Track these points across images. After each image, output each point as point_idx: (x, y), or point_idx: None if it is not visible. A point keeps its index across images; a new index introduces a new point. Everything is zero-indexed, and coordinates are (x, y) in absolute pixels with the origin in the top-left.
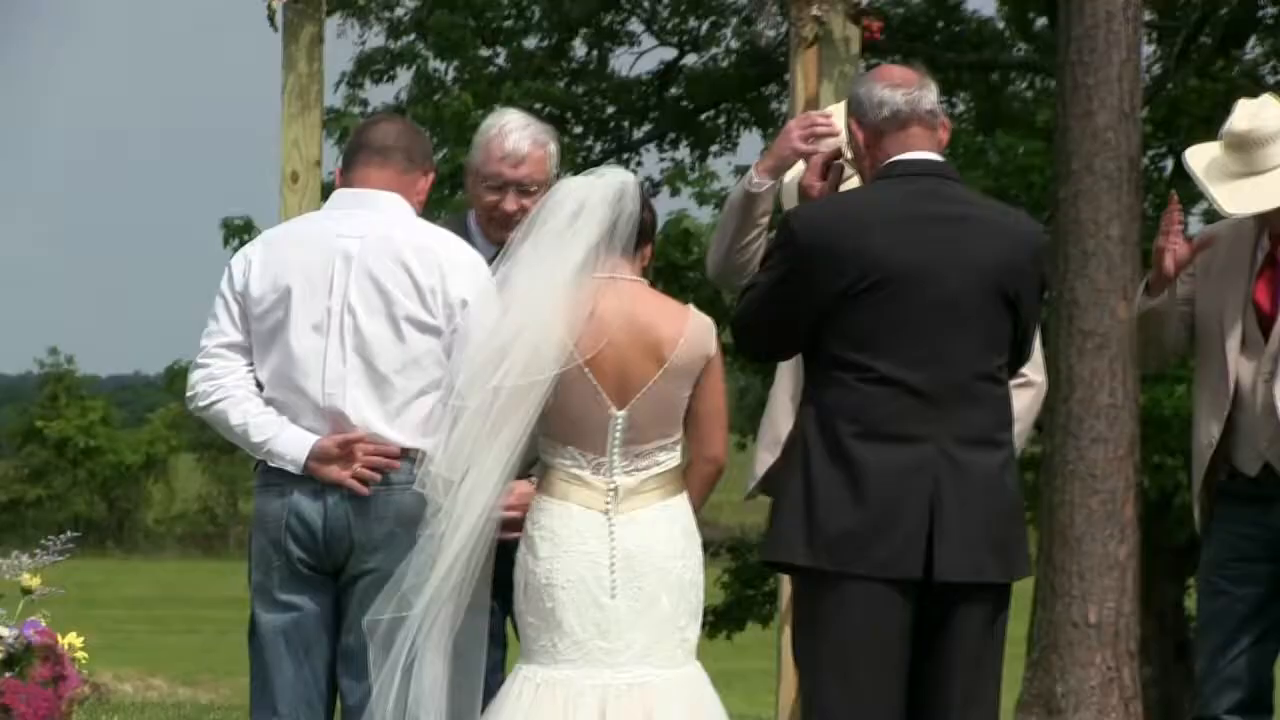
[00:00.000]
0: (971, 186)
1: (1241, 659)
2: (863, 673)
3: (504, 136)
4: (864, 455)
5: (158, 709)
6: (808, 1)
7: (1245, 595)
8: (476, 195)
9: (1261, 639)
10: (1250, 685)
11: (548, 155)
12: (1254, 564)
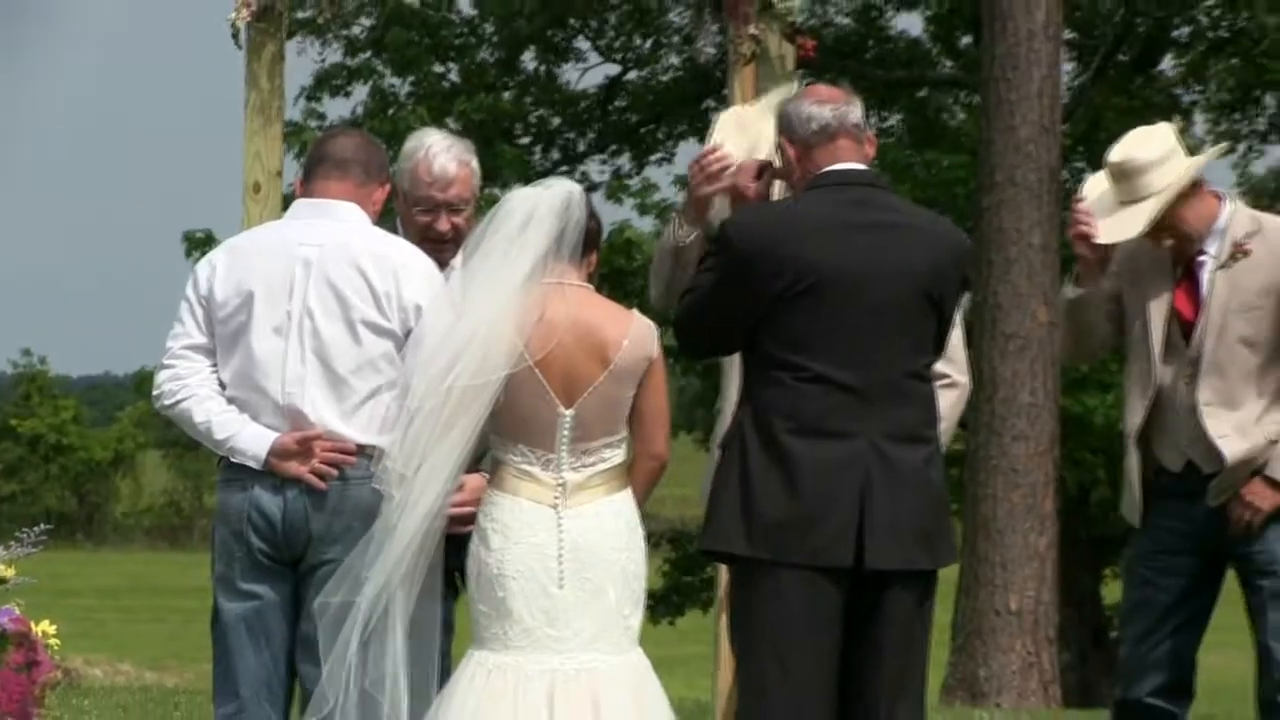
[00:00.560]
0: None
1: (1164, 646)
2: (797, 657)
3: (430, 160)
4: (798, 450)
5: (126, 693)
6: (745, 21)
7: (1169, 586)
8: (408, 217)
9: (1184, 627)
10: (1172, 670)
11: (473, 173)
12: (1177, 556)
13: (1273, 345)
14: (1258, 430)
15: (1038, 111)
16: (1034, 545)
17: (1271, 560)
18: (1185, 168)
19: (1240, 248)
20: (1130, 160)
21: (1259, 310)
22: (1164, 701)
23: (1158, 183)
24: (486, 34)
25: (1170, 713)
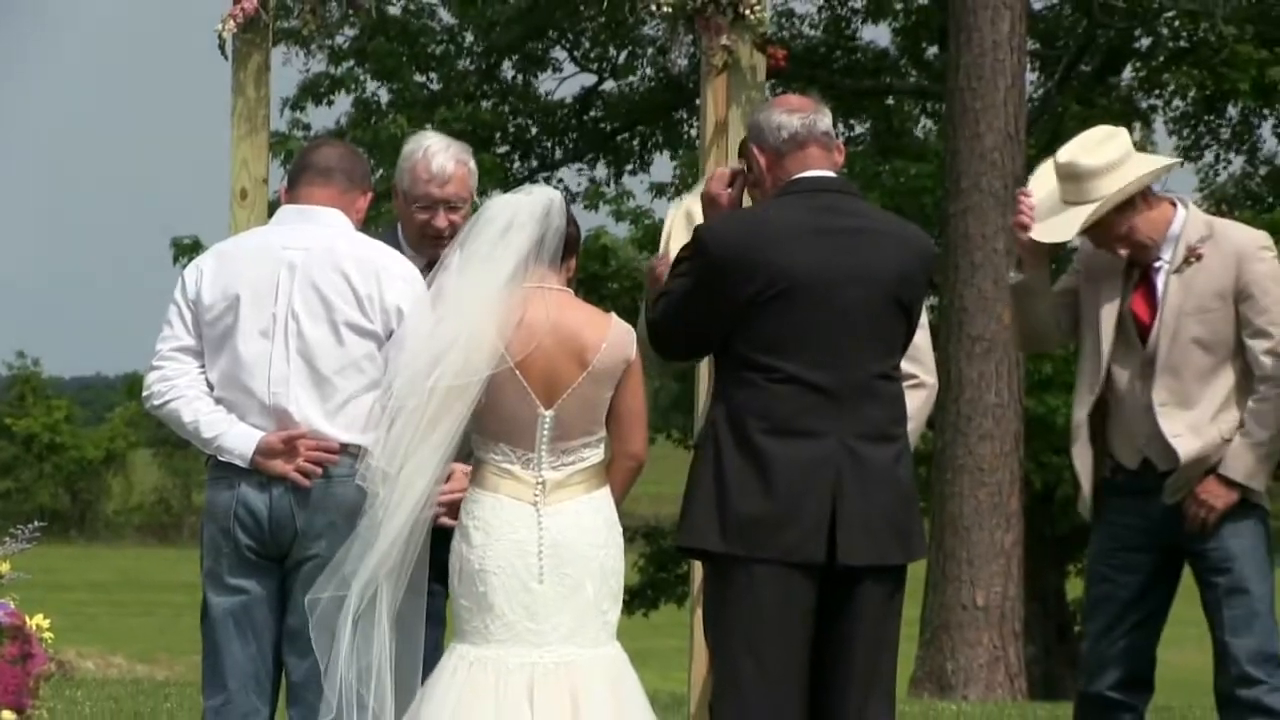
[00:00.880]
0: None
1: (1125, 641)
2: (771, 650)
3: (429, 159)
4: (771, 449)
5: (118, 685)
6: (717, 32)
7: (1128, 582)
8: (407, 215)
9: (1143, 623)
10: (1133, 665)
11: (469, 173)
12: (1136, 553)
13: (1226, 346)
14: (1212, 429)
15: (1002, 120)
16: (1000, 542)
17: (1226, 557)
18: (1133, 180)
19: (1193, 252)
20: (1075, 164)
21: (1212, 312)
22: (1124, 695)
23: (1104, 189)
24: (466, 43)
25: (1130, 706)
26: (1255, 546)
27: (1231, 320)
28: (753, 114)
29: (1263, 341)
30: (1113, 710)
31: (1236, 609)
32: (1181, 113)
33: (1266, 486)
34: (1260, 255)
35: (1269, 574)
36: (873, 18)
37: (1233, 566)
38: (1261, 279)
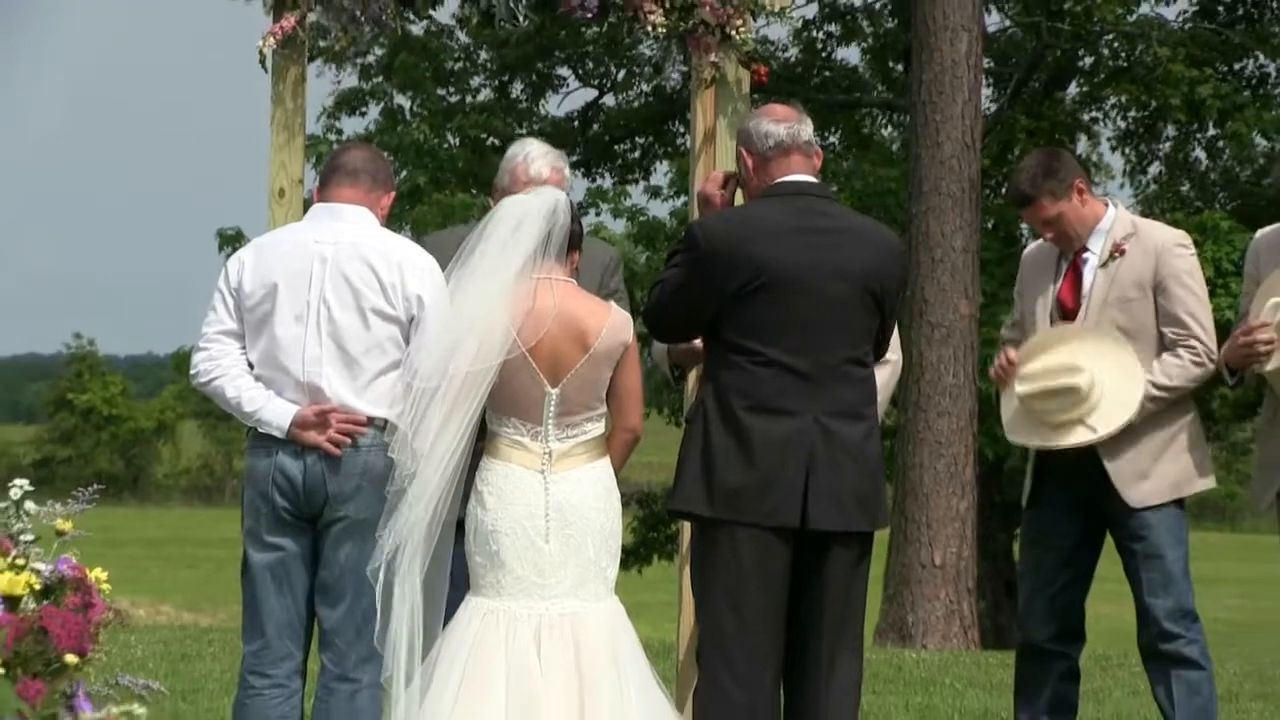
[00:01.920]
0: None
1: (1056, 599)
2: (750, 604)
3: (528, 164)
4: (753, 425)
5: (166, 630)
6: (707, 51)
7: (1056, 546)
8: None
9: (1071, 583)
10: (1063, 619)
11: (564, 179)
12: (1063, 522)
13: (1146, 334)
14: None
15: (960, 131)
16: (955, 508)
17: (1142, 526)
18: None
19: (1118, 248)
20: (1051, 414)
21: (1133, 302)
22: (1058, 645)
23: (1091, 412)
24: (480, 60)
25: (1064, 654)
26: (1169, 515)
27: (1151, 310)
28: (742, 121)
29: (1176, 329)
30: (1049, 659)
31: (1154, 573)
32: (1125, 131)
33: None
34: (1178, 252)
35: (1183, 539)
36: (845, 39)
37: (1148, 535)
38: (1178, 274)
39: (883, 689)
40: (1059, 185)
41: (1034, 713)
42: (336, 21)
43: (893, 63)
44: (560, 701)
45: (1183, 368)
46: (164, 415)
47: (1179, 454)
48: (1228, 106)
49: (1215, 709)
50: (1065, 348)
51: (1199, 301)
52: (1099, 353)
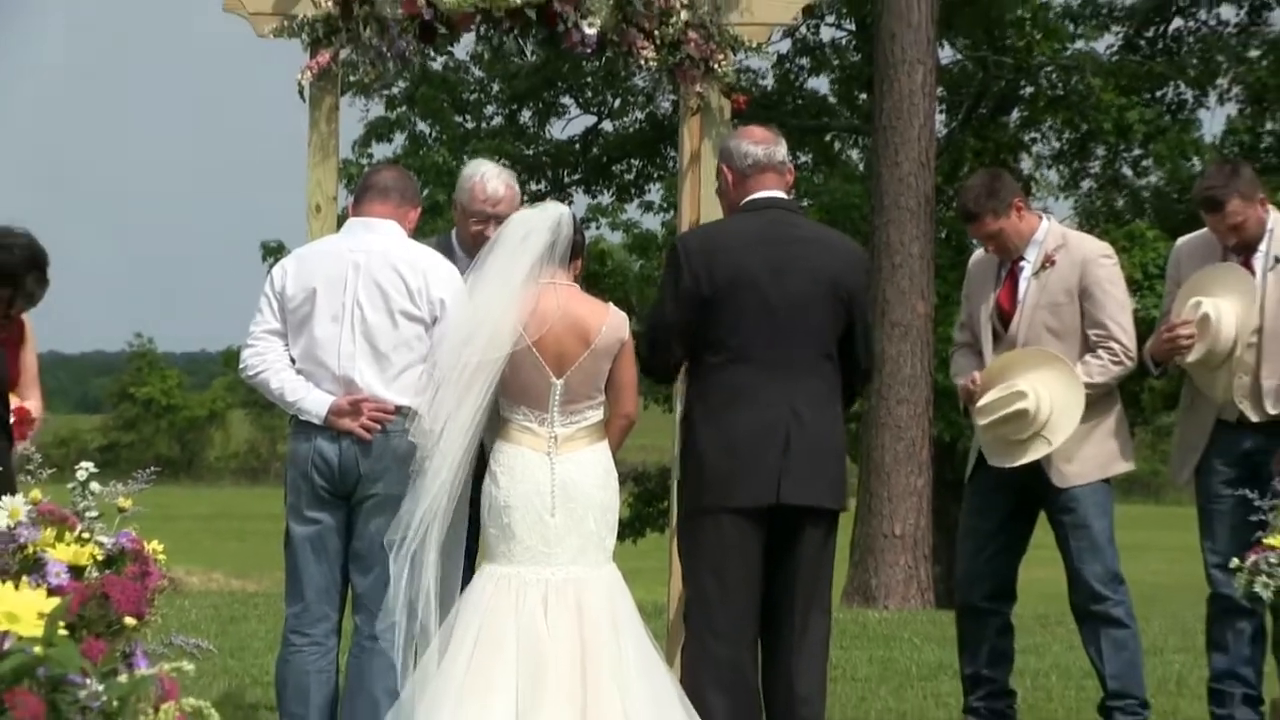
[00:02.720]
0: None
1: (990, 562)
2: (732, 574)
3: (485, 182)
4: (733, 416)
5: (217, 595)
6: (692, 81)
7: (991, 516)
8: (464, 225)
9: (1003, 549)
10: (996, 581)
11: (515, 194)
12: (998, 495)
13: (1073, 335)
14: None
15: (916, 151)
16: (913, 484)
17: (1070, 500)
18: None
19: (1049, 258)
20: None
21: (1062, 306)
22: (991, 604)
23: (1043, 429)
24: (493, 91)
25: (997, 611)
26: (1095, 490)
27: (1077, 314)
28: (724, 140)
29: (1098, 331)
30: (984, 616)
31: (1082, 542)
32: (1059, 151)
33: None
34: (1101, 262)
35: (1108, 511)
36: (815, 71)
37: (1076, 508)
38: (1101, 282)
39: (849, 644)
40: (1000, 204)
41: (976, 665)
42: (365, 58)
43: (857, 92)
44: (565, 657)
45: (1104, 367)
46: (215, 405)
47: (1103, 440)
48: (1152, 130)
49: (1141, 661)
50: (1009, 376)
51: (1119, 306)
52: (1039, 376)
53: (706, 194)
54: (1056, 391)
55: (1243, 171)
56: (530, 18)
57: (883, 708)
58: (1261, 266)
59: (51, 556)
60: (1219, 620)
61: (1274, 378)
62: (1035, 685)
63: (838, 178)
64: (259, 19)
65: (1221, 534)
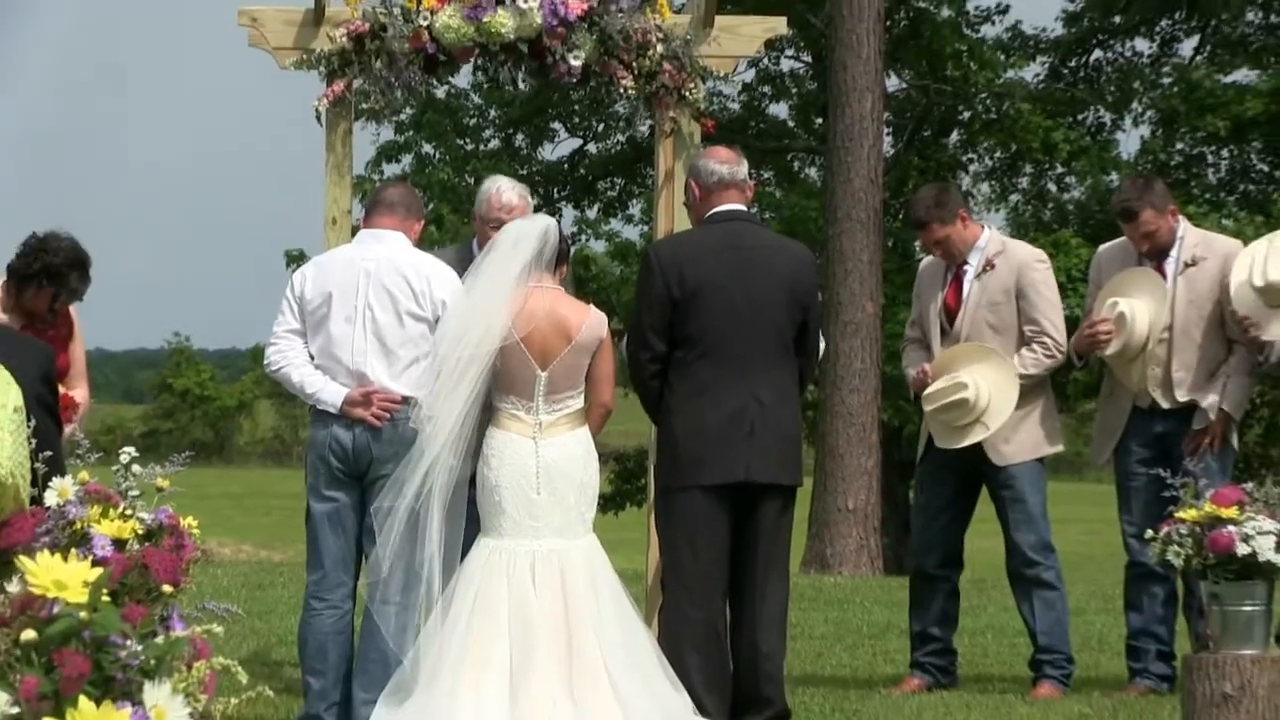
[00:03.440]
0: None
1: (941, 533)
2: (702, 542)
3: (500, 194)
4: (703, 405)
5: (245, 565)
6: (666, 108)
7: (940, 493)
8: (482, 232)
9: (952, 522)
10: (945, 549)
11: (527, 204)
12: (945, 473)
13: (1011, 331)
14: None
15: (866, 169)
16: (864, 464)
17: (1008, 478)
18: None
19: (989, 263)
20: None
21: (1000, 305)
22: (941, 570)
23: (982, 415)
24: (490, 117)
25: (947, 577)
26: (1030, 468)
27: (1014, 312)
28: (693, 159)
29: (1032, 327)
30: (934, 581)
31: (1018, 514)
32: (992, 168)
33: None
34: (1035, 266)
35: (1041, 488)
36: (776, 98)
37: (1013, 484)
38: (1035, 284)
39: (807, 606)
40: (946, 214)
41: (925, 623)
42: (376, 87)
43: (813, 116)
44: (551, 618)
45: (1036, 360)
46: (244, 396)
47: (1035, 425)
48: (1075, 149)
49: (1067, 620)
50: (952, 368)
51: (1051, 305)
52: (978, 368)
53: (680, 208)
54: (994, 382)
55: (1155, 185)
56: (522, 51)
57: (837, 663)
58: (1172, 271)
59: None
60: (1135, 584)
61: (1183, 369)
62: (973, 643)
63: (796, 193)
64: (280, 53)
65: (1137, 508)
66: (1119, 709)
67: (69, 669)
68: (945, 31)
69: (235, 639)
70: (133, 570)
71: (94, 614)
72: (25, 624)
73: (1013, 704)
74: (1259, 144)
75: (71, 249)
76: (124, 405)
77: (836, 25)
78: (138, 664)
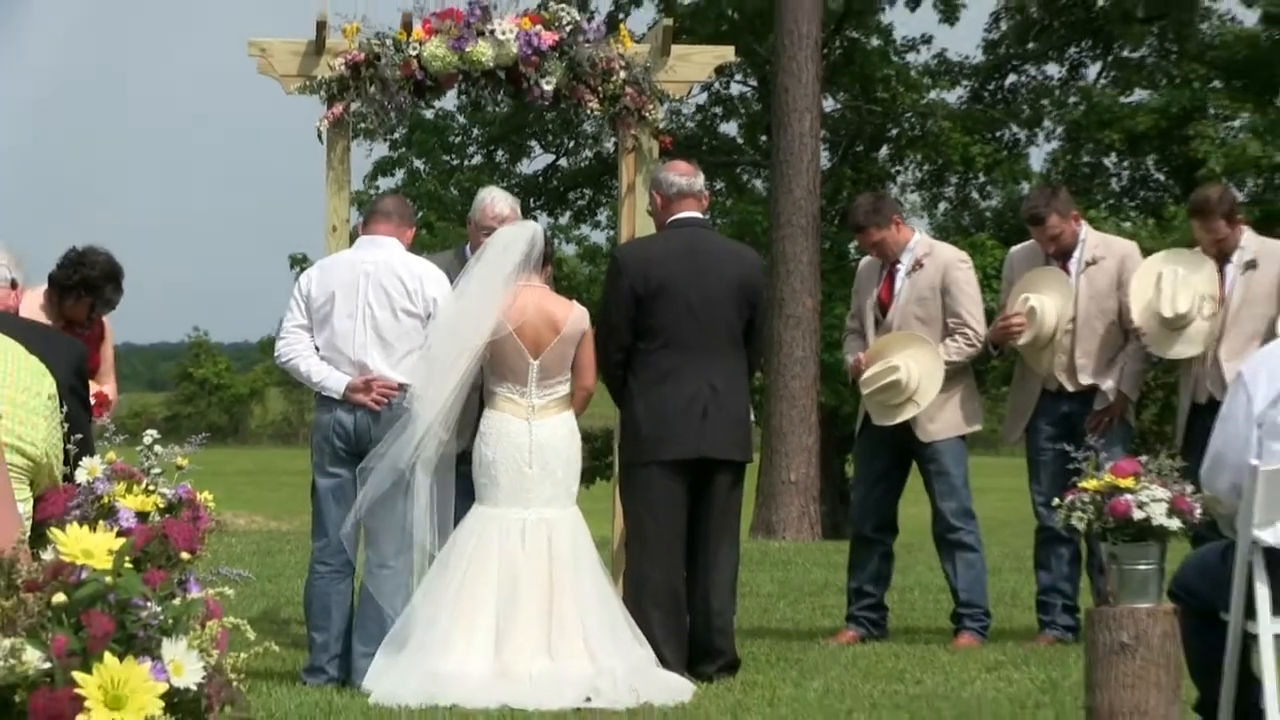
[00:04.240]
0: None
1: (877, 501)
2: (662, 512)
3: (494, 204)
4: (662, 390)
5: (257, 534)
6: (628, 126)
7: (875, 464)
8: (476, 237)
9: (887, 491)
10: (880, 516)
11: (517, 213)
12: (880, 447)
13: (935, 322)
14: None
15: (806, 181)
16: (804, 442)
17: (934, 453)
18: (929, 392)
19: (918, 262)
20: (883, 400)
21: (927, 300)
22: (877, 535)
23: (913, 395)
24: (474, 136)
25: (881, 541)
26: (953, 444)
27: (940, 306)
28: (655, 171)
29: (955, 319)
30: (871, 544)
31: (942, 485)
32: (919, 180)
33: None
34: (959, 266)
35: (963, 461)
36: (726, 118)
37: (938, 458)
38: (958, 281)
39: (755, 568)
40: (882, 219)
41: (860, 581)
42: (371, 109)
43: (759, 134)
44: (536, 580)
45: (959, 349)
46: (256, 384)
47: (957, 406)
48: (991, 162)
49: (985, 578)
50: (886, 354)
51: (972, 301)
52: (909, 353)
53: (643, 215)
54: (923, 365)
55: (1061, 193)
56: (501, 77)
57: (781, 617)
58: (1075, 269)
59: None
60: (1043, 547)
61: (1085, 357)
62: (901, 599)
63: (744, 202)
64: (286, 79)
65: (1046, 479)
66: (1030, 656)
67: (95, 628)
68: (875, 59)
69: (246, 600)
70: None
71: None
72: (56, 588)
73: (936, 653)
74: (1154, 156)
75: (107, 263)
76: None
77: (779, 53)
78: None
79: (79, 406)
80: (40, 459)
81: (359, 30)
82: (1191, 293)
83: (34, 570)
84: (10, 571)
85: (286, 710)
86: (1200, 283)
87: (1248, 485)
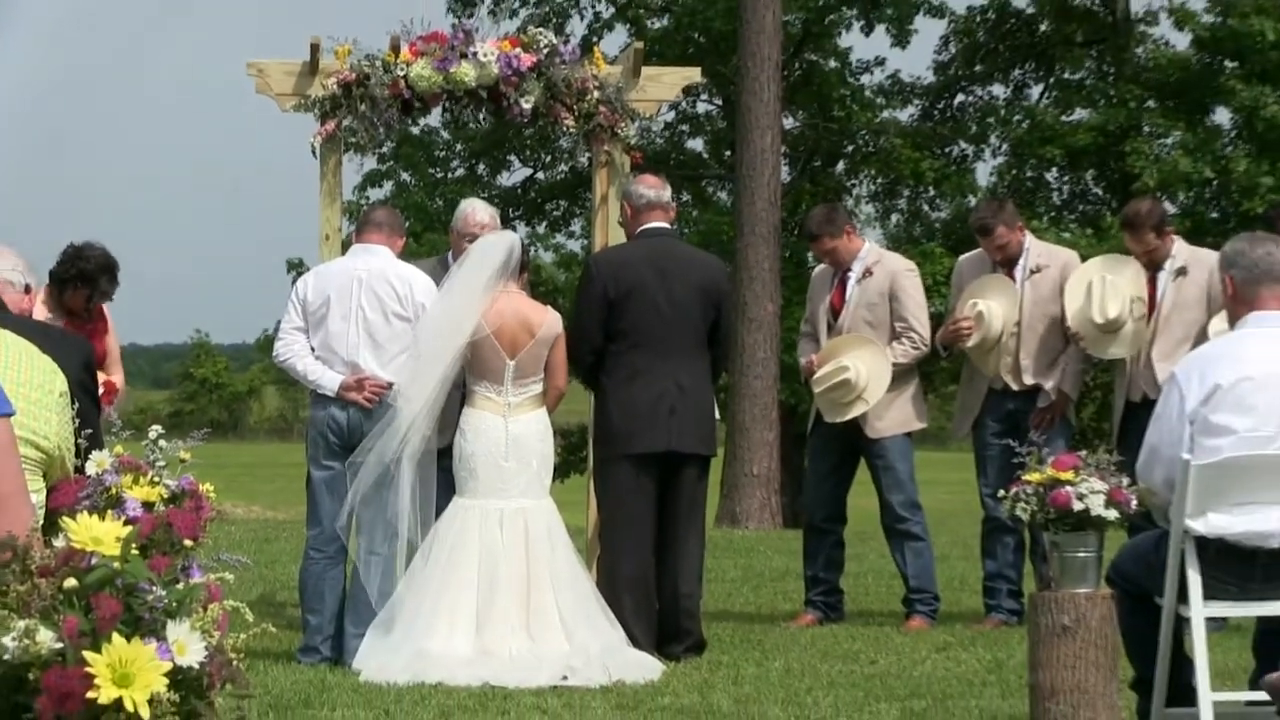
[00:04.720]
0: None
1: (828, 493)
2: (632, 503)
3: (475, 213)
4: (632, 388)
5: (256, 522)
6: (602, 141)
7: (827, 459)
8: (458, 245)
9: (838, 484)
10: (831, 507)
11: (496, 222)
12: (831, 444)
13: (884, 326)
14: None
15: (767, 193)
16: (765, 437)
17: (881, 448)
18: (877, 390)
19: (868, 270)
20: (838, 398)
21: (877, 306)
22: (828, 524)
23: (862, 393)
24: (457, 150)
25: (832, 530)
26: (899, 440)
27: (888, 311)
28: (625, 184)
29: (902, 324)
30: (823, 534)
31: (889, 479)
32: (873, 193)
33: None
34: (906, 274)
35: (909, 456)
36: (693, 134)
37: (885, 454)
38: (906, 288)
39: (720, 555)
40: (835, 229)
41: (815, 569)
42: (361, 125)
43: (724, 150)
44: (515, 567)
45: (905, 351)
46: (254, 382)
47: (904, 404)
48: (940, 176)
49: (933, 565)
50: (837, 356)
51: (919, 306)
52: (858, 354)
53: (615, 225)
54: (871, 366)
55: (1007, 206)
56: (482, 96)
57: (744, 602)
58: (1020, 276)
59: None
60: (989, 536)
61: (1029, 358)
62: (856, 585)
63: (710, 213)
64: (282, 98)
65: (992, 472)
66: (977, 638)
67: (104, 610)
68: (832, 79)
69: (245, 584)
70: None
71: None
72: (67, 573)
73: (889, 634)
74: (1092, 171)
75: (102, 256)
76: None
77: (742, 74)
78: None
79: (89, 403)
80: (53, 452)
81: (350, 52)
82: (1120, 298)
83: (47, 556)
84: (25, 558)
85: (283, 687)
86: (1126, 285)
87: (1180, 478)
